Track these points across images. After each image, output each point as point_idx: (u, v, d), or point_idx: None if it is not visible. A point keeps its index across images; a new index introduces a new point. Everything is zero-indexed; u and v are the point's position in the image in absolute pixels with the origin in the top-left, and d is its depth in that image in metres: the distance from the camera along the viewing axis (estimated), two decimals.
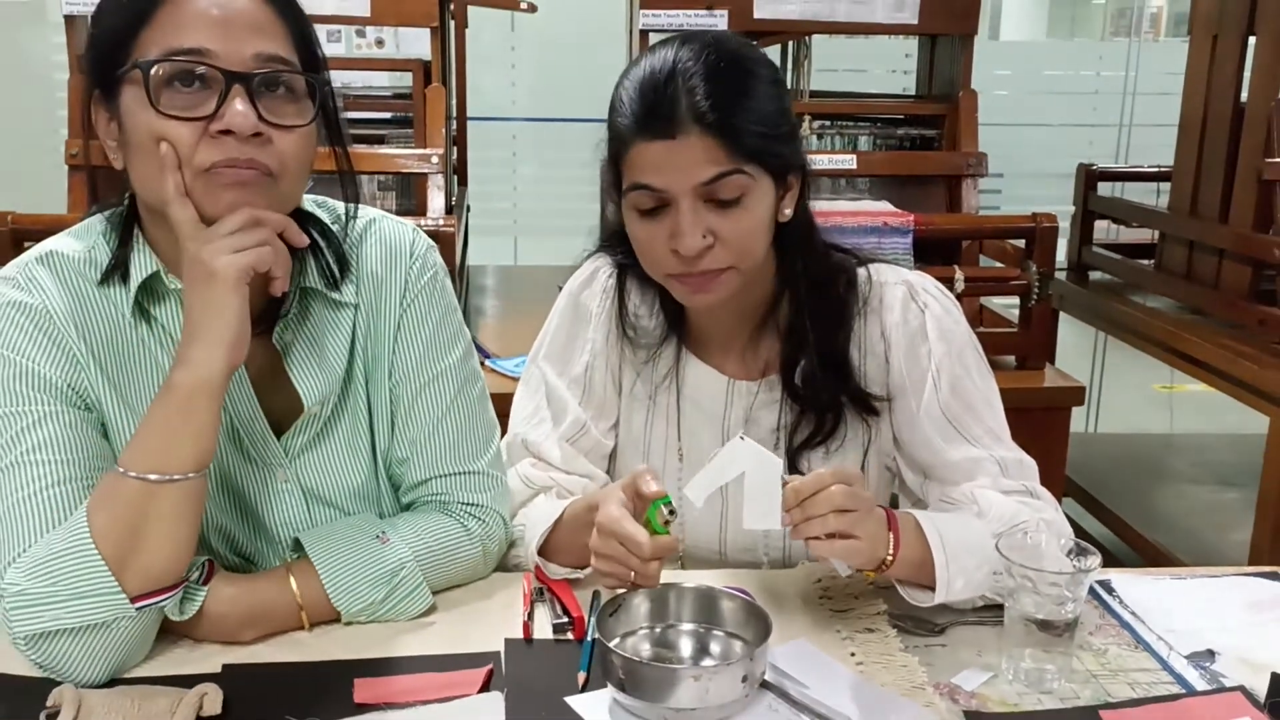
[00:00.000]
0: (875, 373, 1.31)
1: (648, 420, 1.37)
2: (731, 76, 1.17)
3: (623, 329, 1.35)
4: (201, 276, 1.01)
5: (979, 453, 1.26)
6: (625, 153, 1.20)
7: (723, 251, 1.19)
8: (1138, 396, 4.56)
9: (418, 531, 1.18)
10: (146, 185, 1.05)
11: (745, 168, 1.17)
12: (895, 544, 1.11)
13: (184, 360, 1.02)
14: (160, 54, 1.00)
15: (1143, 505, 2.91)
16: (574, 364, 1.36)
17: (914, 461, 1.30)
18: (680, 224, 1.17)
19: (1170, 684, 1.06)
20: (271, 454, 1.17)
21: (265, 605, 1.10)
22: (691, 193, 1.16)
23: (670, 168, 1.16)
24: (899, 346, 1.29)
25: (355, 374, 1.21)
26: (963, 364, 1.29)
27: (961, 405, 1.27)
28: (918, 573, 1.13)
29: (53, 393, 1.07)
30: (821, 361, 1.28)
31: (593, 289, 1.37)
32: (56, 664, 1.01)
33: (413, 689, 1.03)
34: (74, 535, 1.00)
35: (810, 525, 1.06)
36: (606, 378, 1.36)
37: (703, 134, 1.15)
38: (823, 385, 1.29)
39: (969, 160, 2.59)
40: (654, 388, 1.36)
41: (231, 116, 1.00)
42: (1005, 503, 1.20)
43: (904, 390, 1.29)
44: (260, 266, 1.03)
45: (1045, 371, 2.37)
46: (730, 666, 1.00)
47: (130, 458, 1.02)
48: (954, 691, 1.04)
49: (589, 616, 1.14)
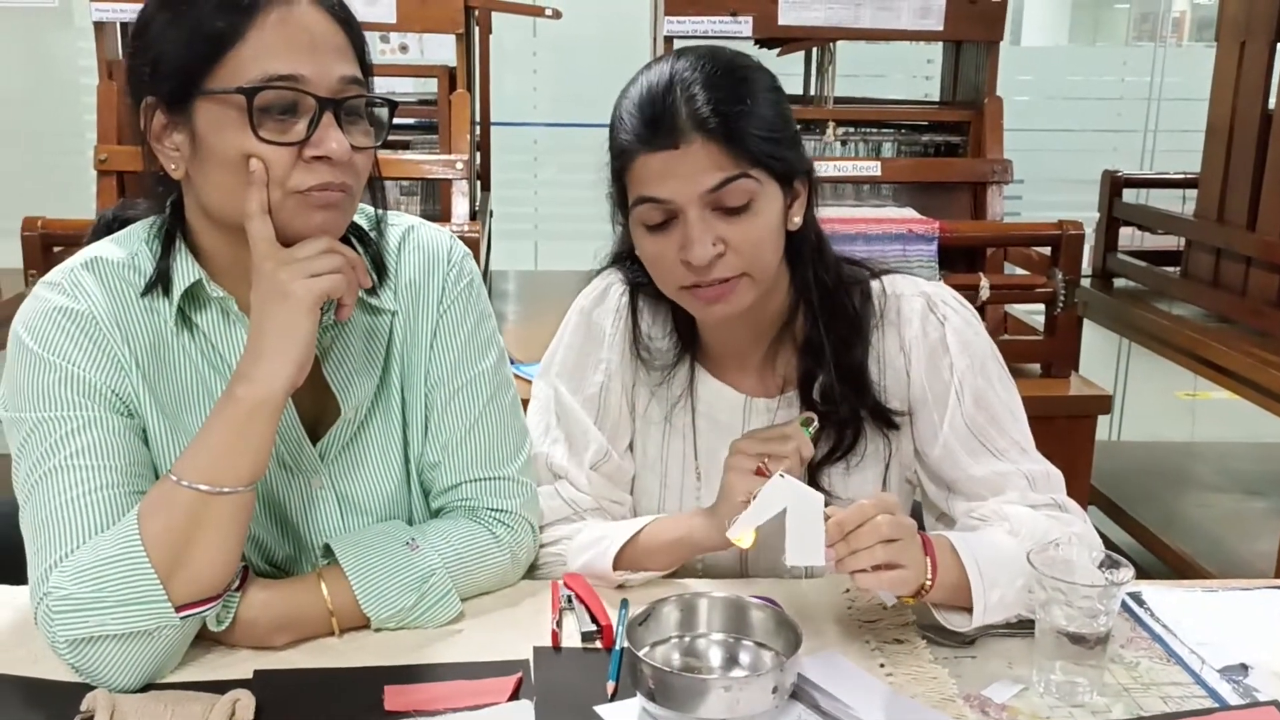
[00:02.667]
0: (895, 386, 1.29)
1: (664, 441, 1.35)
2: (730, 83, 1.17)
3: (636, 351, 1.34)
4: (276, 296, 1.03)
5: (1006, 467, 1.24)
6: (629, 167, 1.19)
7: (734, 258, 1.18)
8: (1161, 404, 4.53)
9: (447, 538, 1.19)
10: (222, 198, 1.05)
11: (750, 172, 1.16)
12: (933, 568, 1.09)
13: (247, 376, 1.03)
14: (259, 79, 1.01)
15: (1167, 514, 2.89)
16: (588, 383, 1.34)
17: (938, 476, 1.29)
18: (689, 233, 1.16)
19: (1203, 698, 1.05)
20: (307, 460, 1.18)
21: (297, 610, 1.11)
22: (698, 201, 1.15)
23: (675, 177, 1.15)
24: (919, 360, 1.28)
25: (390, 379, 1.22)
26: (985, 376, 1.27)
27: (985, 418, 1.26)
28: (954, 595, 1.11)
29: (97, 399, 1.08)
30: (839, 375, 1.27)
31: (605, 307, 1.35)
32: (94, 669, 1.02)
33: (442, 696, 1.03)
34: (125, 541, 1.01)
35: (858, 558, 1.05)
36: (621, 399, 1.34)
37: (706, 141, 1.14)
38: (842, 400, 1.27)
39: (994, 167, 2.58)
40: (669, 407, 1.34)
41: (329, 144, 1.03)
42: (1035, 519, 1.19)
43: (925, 404, 1.28)
44: (334, 293, 1.05)
45: (1070, 380, 2.35)
46: (760, 677, 1.00)
47: (185, 467, 1.03)
48: (984, 704, 1.04)
49: (618, 625, 1.14)
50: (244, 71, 1.01)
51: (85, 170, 2.41)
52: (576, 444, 1.33)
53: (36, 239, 2.17)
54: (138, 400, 1.11)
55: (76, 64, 4.89)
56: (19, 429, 1.07)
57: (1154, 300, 2.83)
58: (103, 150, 2.34)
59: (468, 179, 2.46)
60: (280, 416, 1.05)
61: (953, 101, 2.87)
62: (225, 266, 1.11)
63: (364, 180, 1.10)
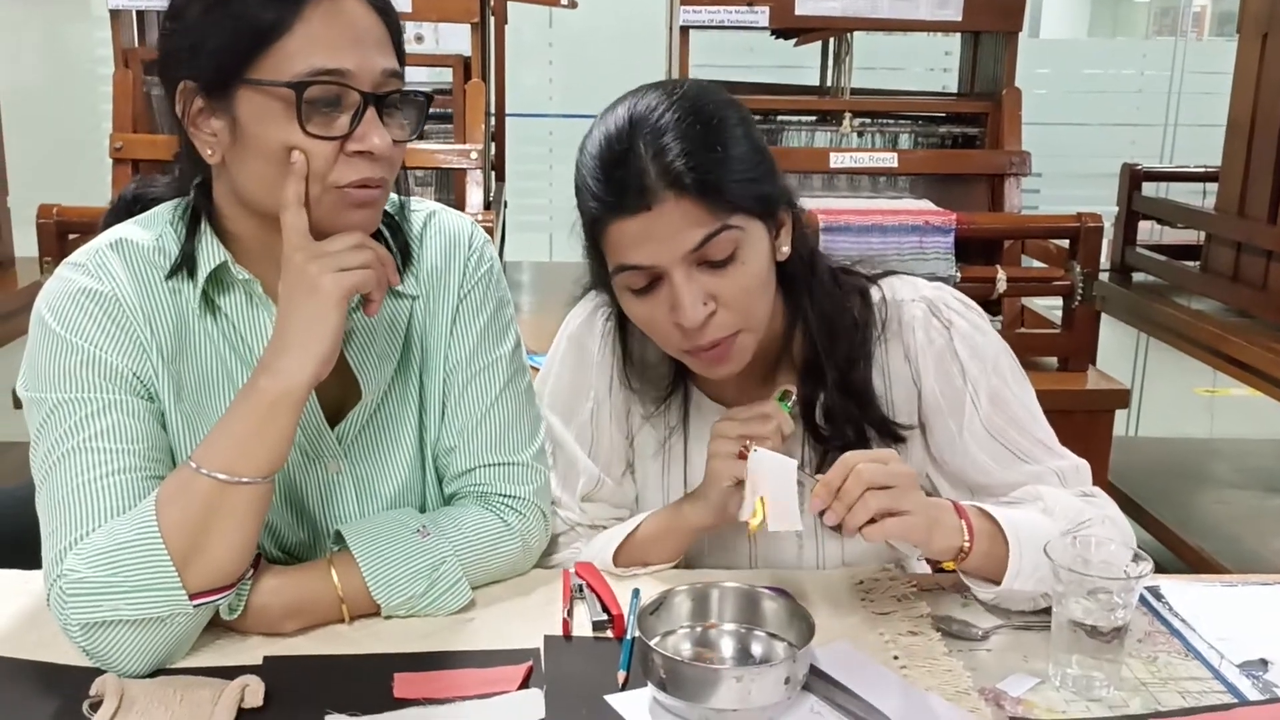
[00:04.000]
0: (904, 398, 1.26)
1: (664, 465, 1.33)
2: (695, 128, 1.10)
3: (626, 379, 1.30)
4: (305, 289, 1.02)
5: (1034, 468, 1.22)
6: (602, 235, 1.13)
7: (727, 315, 1.13)
8: (1179, 400, 4.50)
9: (459, 526, 1.18)
10: (259, 187, 1.05)
11: (731, 221, 1.10)
12: (970, 530, 1.08)
13: (272, 368, 1.03)
14: (306, 73, 1.00)
15: (1184, 510, 2.87)
16: (579, 410, 1.31)
17: (960, 480, 1.25)
18: (678, 296, 1.10)
19: (1222, 693, 1.04)
20: (325, 444, 1.18)
21: (307, 597, 1.10)
22: (682, 261, 1.10)
23: (653, 240, 1.09)
24: (928, 369, 1.24)
25: (409, 364, 1.21)
26: (999, 375, 1.24)
27: (1005, 419, 1.23)
28: (987, 563, 1.10)
29: (118, 381, 1.08)
30: (843, 394, 1.23)
31: (593, 333, 1.31)
32: (105, 653, 1.02)
33: (453, 684, 1.03)
34: (142, 527, 1.01)
35: (853, 514, 1.03)
36: (613, 427, 1.32)
37: (679, 198, 1.08)
38: (845, 419, 1.24)
39: (1012, 159, 2.56)
40: (666, 435, 1.32)
41: (372, 140, 1.03)
42: (1070, 499, 1.17)
43: (940, 412, 1.24)
44: (363, 288, 1.05)
45: (1088, 374, 2.34)
46: (773, 668, 0.99)
47: (205, 455, 1.02)
48: (999, 697, 1.02)
49: (629, 614, 1.13)
50: (290, 64, 1.00)
51: (101, 159, 2.41)
52: (568, 477, 1.31)
53: (52, 226, 2.17)
54: (158, 384, 1.11)
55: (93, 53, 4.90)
56: (39, 409, 1.07)
57: (1173, 295, 2.81)
58: (118, 138, 2.34)
59: (482, 169, 2.46)
60: (303, 409, 1.05)
61: (970, 93, 2.86)
62: (253, 250, 1.11)
63: (397, 172, 1.10)
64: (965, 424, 1.23)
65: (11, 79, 3.09)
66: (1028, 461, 1.22)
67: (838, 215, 2.31)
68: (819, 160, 2.58)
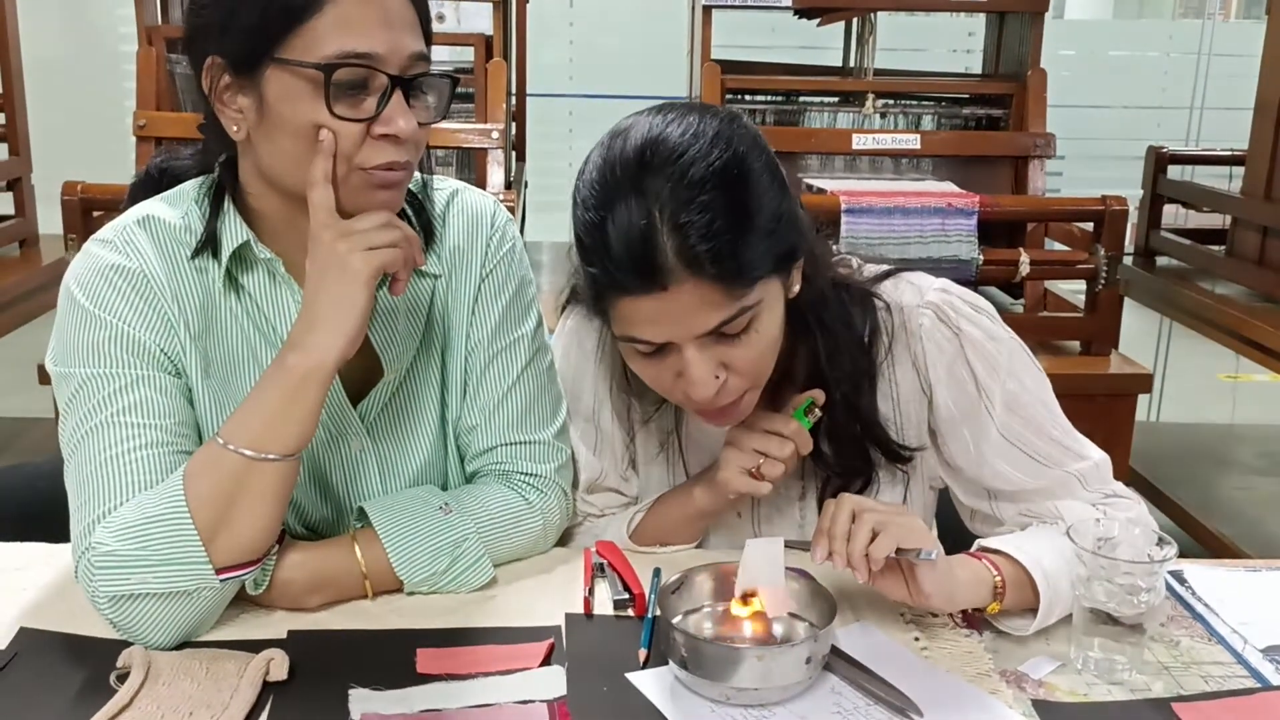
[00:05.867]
0: (914, 408, 1.22)
1: (667, 468, 1.31)
2: (720, 196, 1.00)
3: (627, 381, 1.25)
4: (334, 268, 1.02)
5: (1054, 473, 1.19)
6: (607, 303, 1.05)
7: (737, 381, 1.08)
8: (1202, 385, 4.47)
9: (481, 503, 1.19)
10: (285, 166, 1.05)
11: (750, 299, 1.03)
12: (995, 566, 1.07)
13: (300, 345, 1.03)
14: (336, 55, 0.99)
15: (1206, 496, 2.86)
16: (581, 406, 1.30)
17: (977, 486, 1.22)
18: (689, 370, 1.05)
19: (1245, 678, 1.04)
20: (348, 422, 1.18)
21: (331, 572, 1.11)
22: (695, 340, 1.04)
23: (664, 321, 1.02)
24: (939, 378, 1.19)
25: (432, 342, 1.22)
26: (1013, 377, 1.19)
27: (1022, 423, 1.18)
28: (1020, 595, 1.08)
29: (146, 358, 1.08)
30: (846, 418, 1.19)
31: (589, 332, 1.28)
32: (133, 625, 1.03)
33: (475, 660, 1.03)
34: (170, 502, 1.02)
35: (854, 542, 1.01)
36: (614, 424, 1.30)
37: (697, 281, 0.99)
38: (849, 446, 1.20)
39: (1037, 141, 2.54)
40: (665, 435, 1.29)
41: (398, 123, 1.02)
42: (1091, 516, 1.13)
43: (954, 421, 1.20)
44: (391, 267, 1.05)
45: (1110, 358, 2.32)
46: (794, 647, 0.99)
47: (233, 432, 1.03)
48: (1021, 679, 1.02)
49: (650, 593, 1.14)
50: (320, 44, 1.00)
51: (124, 136, 2.42)
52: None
53: (76, 204, 2.18)
54: (185, 360, 1.11)
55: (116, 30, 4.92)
56: (68, 384, 1.08)
57: (1197, 279, 2.79)
58: (141, 115, 2.35)
59: (503, 148, 2.46)
60: (330, 386, 1.05)
61: (995, 74, 2.84)
62: (277, 229, 1.11)
63: (422, 153, 1.10)
64: (981, 432, 1.19)
65: (34, 55, 3.09)
66: (1046, 466, 1.18)
67: (859, 197, 2.30)
68: (841, 141, 2.57)
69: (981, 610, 1.08)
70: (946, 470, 1.25)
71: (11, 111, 2.99)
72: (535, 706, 0.96)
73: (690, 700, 0.98)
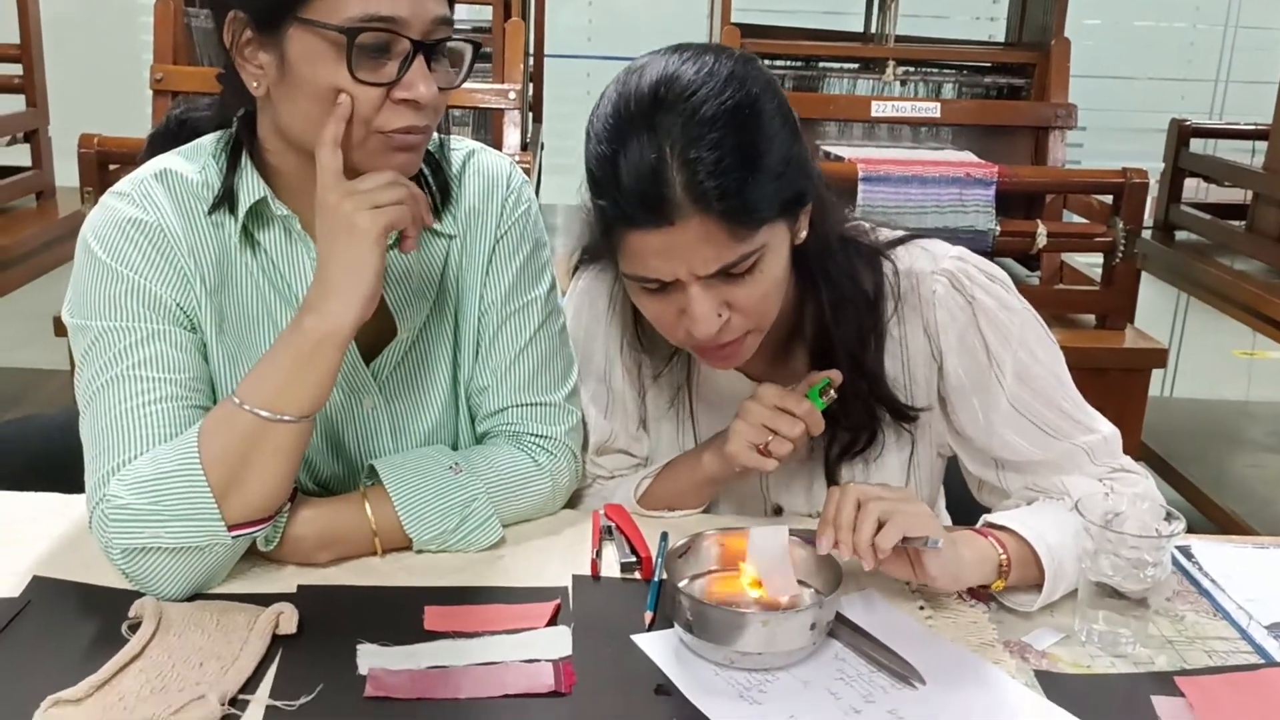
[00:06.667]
0: (924, 375, 1.22)
1: (678, 423, 1.31)
2: (730, 134, 1.00)
3: (637, 338, 1.27)
4: (342, 230, 1.02)
5: (1063, 445, 1.19)
6: (615, 237, 1.05)
7: (740, 320, 1.08)
8: (1217, 362, 4.44)
9: (490, 464, 1.19)
10: (304, 126, 1.04)
11: (756, 241, 1.03)
12: (1000, 544, 1.07)
13: (317, 309, 1.03)
14: (360, 18, 0.98)
15: (1217, 472, 2.85)
16: (593, 367, 1.30)
17: (985, 455, 1.22)
18: (692, 308, 1.05)
19: (1249, 653, 1.04)
20: (360, 380, 1.19)
21: (341, 528, 1.12)
22: (699, 279, 1.04)
23: (670, 257, 1.03)
24: (950, 345, 1.19)
25: (445, 302, 1.22)
26: (1025, 346, 1.18)
27: (1032, 394, 1.18)
28: (1025, 573, 1.08)
29: (162, 312, 1.09)
30: (852, 375, 1.19)
31: (600, 290, 1.29)
32: (145, 577, 1.04)
33: (482, 619, 1.04)
34: (184, 458, 1.02)
35: (859, 531, 1.01)
36: (625, 383, 1.30)
37: (704, 218, 1.00)
38: (854, 402, 1.20)
39: (1058, 111, 2.52)
40: (675, 390, 1.30)
41: (419, 89, 1.02)
42: (1098, 492, 1.12)
43: (963, 390, 1.20)
44: (399, 225, 1.04)
45: (1126, 332, 2.31)
46: (799, 613, 1.00)
47: (248, 391, 1.03)
48: (1025, 650, 1.03)
49: (657, 557, 1.14)
50: (343, 6, 0.99)
51: (141, 89, 2.42)
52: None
53: (93, 156, 2.18)
54: (200, 316, 1.12)
55: None
56: (84, 336, 1.08)
57: (1216, 255, 2.76)
58: (158, 70, 2.35)
59: (520, 110, 2.44)
60: (347, 349, 1.05)
61: (1018, 43, 2.80)
62: (294, 186, 1.11)
63: (440, 117, 1.09)
64: (990, 402, 1.19)
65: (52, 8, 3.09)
66: (1055, 438, 1.18)
67: (877, 165, 2.28)
68: (860, 108, 2.55)
69: (986, 587, 1.09)
70: (955, 438, 1.25)
71: (29, 64, 2.99)
72: (541, 665, 0.97)
73: (694, 663, 0.99)
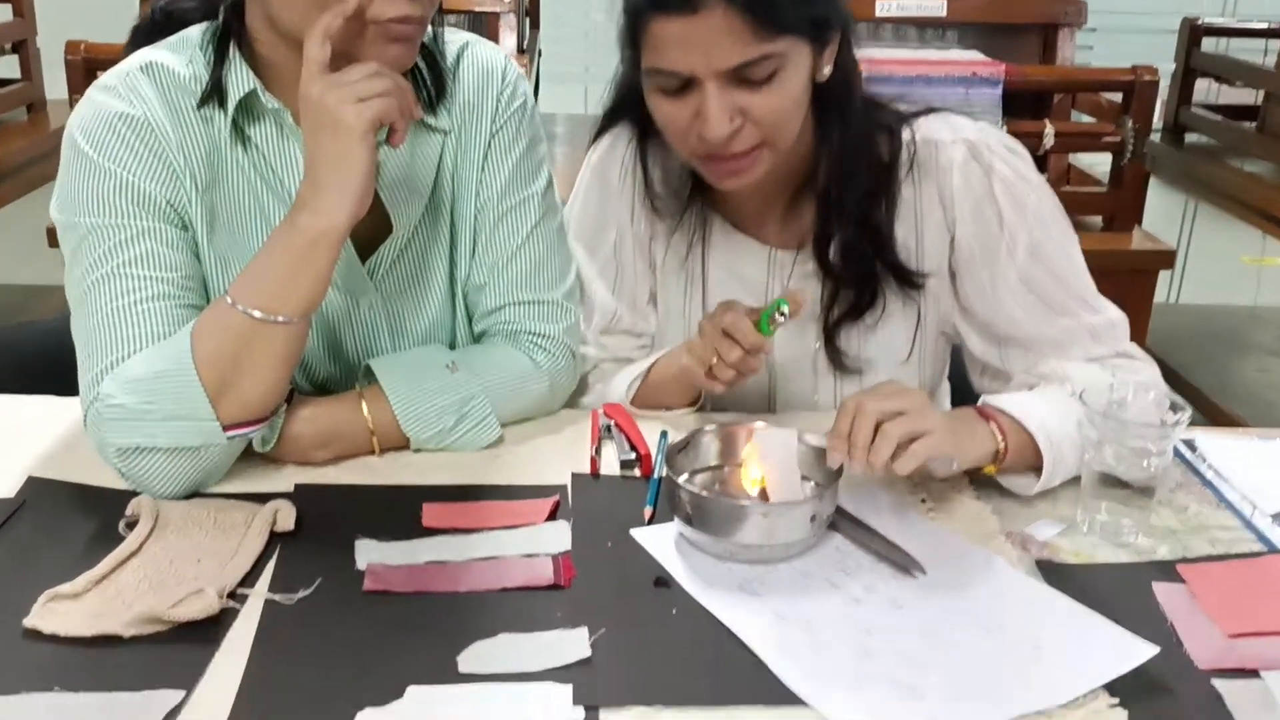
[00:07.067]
0: (935, 243, 1.21)
1: (686, 292, 1.31)
2: None
3: (649, 201, 1.27)
4: (327, 124, 0.98)
5: (1068, 322, 1.18)
6: (640, 30, 1.08)
7: (753, 130, 1.09)
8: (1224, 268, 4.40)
9: (487, 362, 1.18)
10: (295, 17, 1.01)
11: (777, 46, 1.05)
12: (1001, 431, 1.06)
13: (310, 206, 1.00)
14: None
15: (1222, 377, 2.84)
16: (603, 242, 1.30)
17: (990, 333, 1.22)
18: (706, 108, 1.06)
19: (1252, 542, 1.03)
20: (356, 279, 1.17)
21: (338, 426, 1.11)
22: (716, 77, 1.05)
23: (690, 48, 1.04)
24: (963, 214, 1.19)
25: (440, 198, 1.19)
26: (1040, 224, 1.18)
27: (1043, 270, 1.18)
28: (1023, 456, 1.07)
29: (152, 209, 1.06)
30: (858, 233, 1.19)
31: (613, 157, 1.29)
32: (141, 476, 1.03)
33: (480, 515, 1.04)
34: (177, 358, 1.01)
35: (875, 452, 0.99)
36: (635, 255, 1.30)
37: (728, 9, 1.02)
38: (857, 259, 1.20)
39: (1067, 9, 2.45)
40: (685, 256, 1.29)
41: None
42: (1101, 376, 1.13)
43: (973, 260, 1.20)
44: (386, 118, 1.01)
45: (1133, 234, 2.28)
46: (799, 505, 0.99)
47: (242, 291, 1.01)
48: (1026, 541, 1.02)
49: (657, 454, 1.13)
50: None
51: None
52: (587, 313, 1.30)
53: (79, 63, 2.14)
54: (191, 213, 1.09)
55: None
56: (73, 234, 1.06)
57: (1226, 157, 2.72)
58: None
59: (515, 13, 2.39)
60: (342, 248, 1.03)
61: None
62: (285, 78, 1.07)
63: (436, 8, 1.06)
64: (999, 274, 1.19)
65: None
66: (1060, 315, 1.18)
67: (881, 65, 2.23)
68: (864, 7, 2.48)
69: (979, 469, 1.08)
70: (960, 315, 1.25)
71: None
72: (540, 560, 0.97)
73: (694, 556, 0.98)
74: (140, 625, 0.85)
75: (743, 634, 0.88)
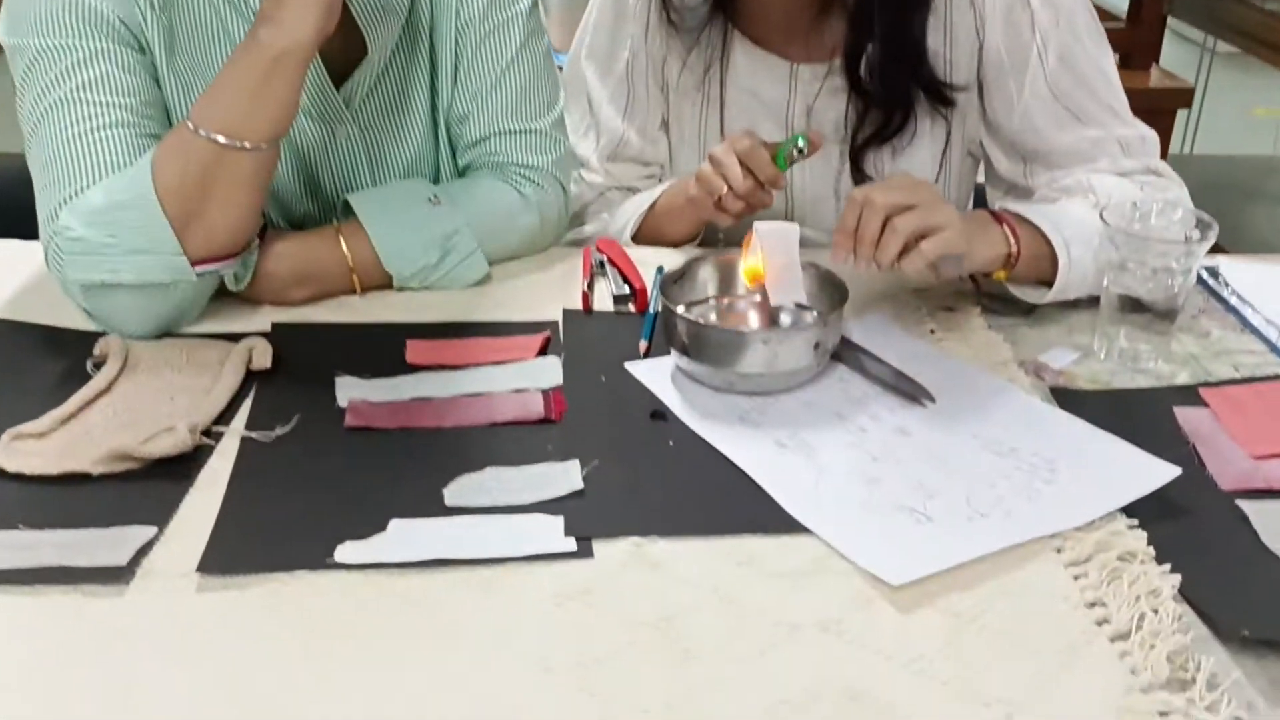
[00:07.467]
0: (964, 52, 1.15)
1: (702, 114, 1.24)
2: None
3: (666, 14, 1.20)
4: None
5: (1096, 133, 1.12)
6: None
7: None
8: (1239, 120, 4.28)
9: (472, 196, 1.12)
10: None
11: None
12: (1014, 235, 1.00)
13: (273, 19, 0.92)
14: None
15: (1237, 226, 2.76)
16: (616, 61, 1.24)
17: (1016, 147, 1.16)
18: None
19: (1277, 365, 0.98)
20: (331, 106, 1.09)
21: (315, 263, 1.06)
22: None
23: None
24: (994, 21, 1.12)
25: (419, 19, 1.11)
26: (1073, 30, 1.11)
27: (1073, 79, 1.11)
28: (1037, 265, 1.02)
29: (104, 28, 0.99)
30: (891, 49, 1.12)
31: None
32: (108, 315, 0.98)
33: (466, 352, 0.99)
34: (138, 188, 0.94)
35: (883, 249, 0.93)
36: (649, 74, 1.24)
37: None
38: (891, 75, 1.13)
39: None
40: (702, 76, 1.22)
41: None
42: (1124, 189, 1.08)
43: (1003, 70, 1.13)
44: None
45: (1151, 72, 2.18)
46: (801, 331, 0.94)
47: (203, 115, 0.94)
48: (1040, 369, 0.97)
49: (652, 288, 1.08)
50: None
51: None
52: (596, 135, 1.25)
53: None
54: (149, 33, 1.02)
55: None
56: (22, 57, 0.99)
57: None
58: None
59: None
60: (308, 68, 0.96)
61: None
62: None
63: None
64: (1028, 81, 1.12)
65: None
66: (1088, 125, 1.12)
67: None
68: None
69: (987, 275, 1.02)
70: (986, 130, 1.18)
71: None
72: (530, 395, 0.92)
73: (692, 389, 0.94)
74: (110, 463, 0.81)
75: (743, 463, 0.84)
